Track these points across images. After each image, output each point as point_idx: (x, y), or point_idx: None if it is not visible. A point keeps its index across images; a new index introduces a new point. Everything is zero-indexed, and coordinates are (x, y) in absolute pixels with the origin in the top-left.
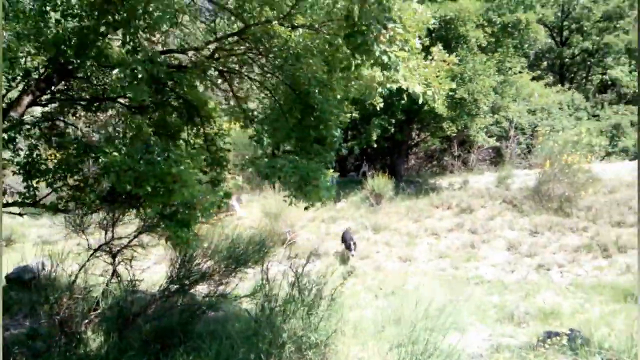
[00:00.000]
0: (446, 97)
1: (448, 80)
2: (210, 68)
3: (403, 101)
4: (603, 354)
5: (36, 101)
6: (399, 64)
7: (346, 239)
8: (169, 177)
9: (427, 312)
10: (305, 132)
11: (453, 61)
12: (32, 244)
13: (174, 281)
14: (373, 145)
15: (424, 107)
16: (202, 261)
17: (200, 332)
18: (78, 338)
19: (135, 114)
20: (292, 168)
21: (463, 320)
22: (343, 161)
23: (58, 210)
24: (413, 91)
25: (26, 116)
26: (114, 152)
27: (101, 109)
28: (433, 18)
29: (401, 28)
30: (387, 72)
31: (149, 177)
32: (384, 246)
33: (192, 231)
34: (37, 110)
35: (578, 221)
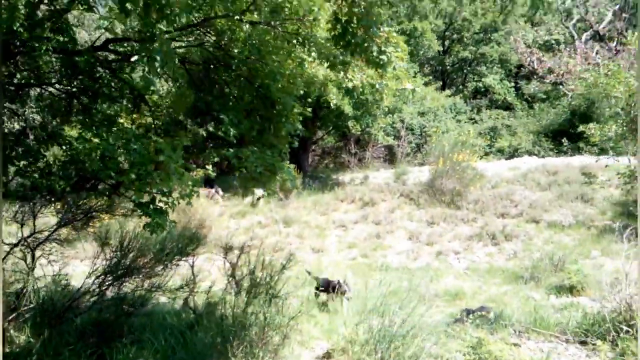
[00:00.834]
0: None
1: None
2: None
3: (310, 99)
4: (515, 326)
5: None
6: (395, 63)
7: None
8: (150, 165)
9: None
10: (264, 125)
11: None
12: None
13: (107, 273)
14: None
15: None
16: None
17: (138, 325)
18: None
19: (69, 100)
20: (257, 158)
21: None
22: None
23: (22, 198)
24: (404, 88)
25: None
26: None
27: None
28: None
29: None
30: (381, 70)
31: (135, 165)
32: (296, 238)
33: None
34: None
35: (468, 213)
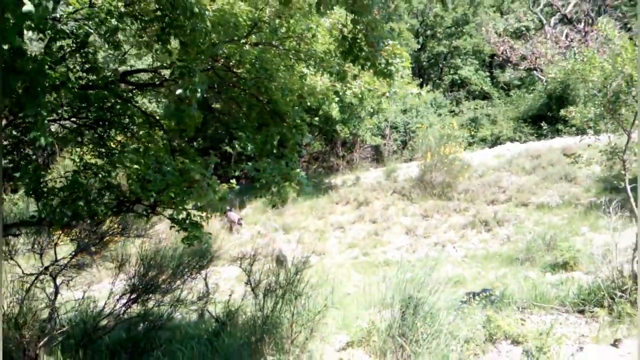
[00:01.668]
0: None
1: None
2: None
3: (297, 107)
4: (517, 303)
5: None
6: (401, 72)
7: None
8: (183, 184)
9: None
10: (275, 137)
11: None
12: None
13: (132, 292)
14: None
15: (320, 111)
16: (156, 272)
17: (164, 339)
18: None
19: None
20: (273, 169)
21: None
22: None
23: (66, 225)
24: (410, 93)
25: None
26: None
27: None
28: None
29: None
30: (389, 80)
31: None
32: (297, 244)
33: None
34: None
35: (459, 203)
